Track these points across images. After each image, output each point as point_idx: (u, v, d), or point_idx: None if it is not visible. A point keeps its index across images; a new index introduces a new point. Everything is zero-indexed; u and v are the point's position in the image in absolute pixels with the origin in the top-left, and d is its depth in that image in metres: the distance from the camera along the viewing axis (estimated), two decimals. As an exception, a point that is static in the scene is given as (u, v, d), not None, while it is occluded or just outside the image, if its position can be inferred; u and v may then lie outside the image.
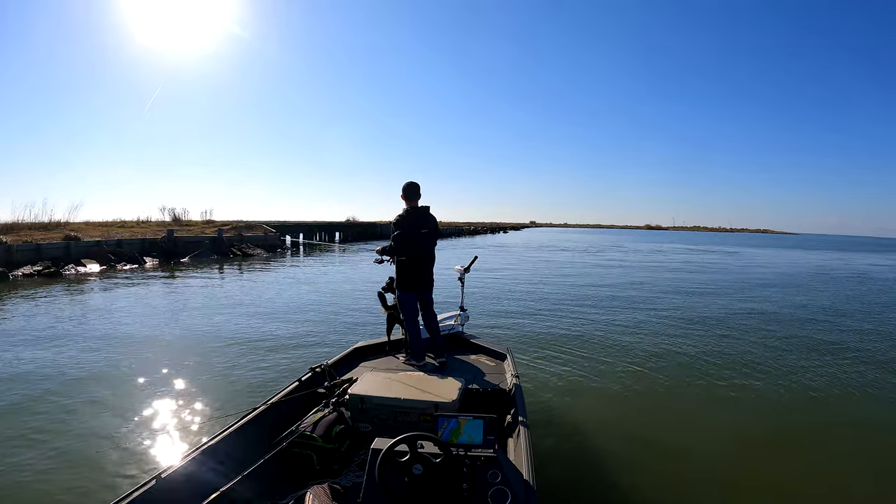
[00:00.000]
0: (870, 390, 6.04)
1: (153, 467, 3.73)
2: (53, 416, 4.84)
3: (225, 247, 23.83)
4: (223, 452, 2.75)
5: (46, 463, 3.95)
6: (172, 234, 22.29)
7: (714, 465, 4.12)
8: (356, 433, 3.15)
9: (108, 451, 4.13)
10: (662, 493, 3.66)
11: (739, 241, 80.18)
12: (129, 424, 4.66)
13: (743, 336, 8.64)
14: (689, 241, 63.24)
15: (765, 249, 47.50)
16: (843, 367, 6.93)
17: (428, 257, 4.38)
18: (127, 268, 17.73)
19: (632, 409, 5.30)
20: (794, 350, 7.79)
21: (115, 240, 20.05)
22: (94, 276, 15.48)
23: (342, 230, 41.13)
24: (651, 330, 8.89)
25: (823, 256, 37.13)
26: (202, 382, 5.75)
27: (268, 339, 7.68)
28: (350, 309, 10.27)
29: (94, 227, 24.94)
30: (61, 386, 5.61)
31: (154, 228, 26.33)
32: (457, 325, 5.01)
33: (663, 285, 15.76)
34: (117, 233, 22.91)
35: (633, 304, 11.83)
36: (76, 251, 17.67)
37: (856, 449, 4.57)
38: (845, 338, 8.74)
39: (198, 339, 7.68)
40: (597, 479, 3.82)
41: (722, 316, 10.54)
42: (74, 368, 6.21)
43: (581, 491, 3.64)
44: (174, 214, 32.64)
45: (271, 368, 6.24)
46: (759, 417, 5.18)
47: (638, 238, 76.68)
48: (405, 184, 4.35)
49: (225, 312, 9.81)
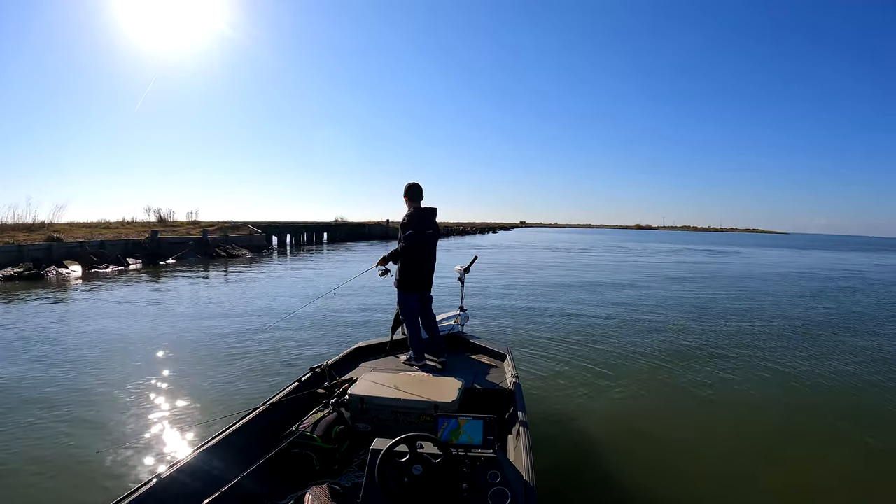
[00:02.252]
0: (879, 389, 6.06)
1: (153, 468, 3.71)
2: (53, 416, 4.80)
3: (209, 248, 23.52)
4: (223, 453, 2.74)
5: (46, 463, 3.92)
6: (156, 235, 21.95)
7: (715, 465, 4.13)
8: (356, 433, 3.16)
9: (108, 451, 4.10)
10: (663, 492, 3.67)
11: (732, 240, 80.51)
12: (128, 425, 4.63)
13: (744, 335, 8.68)
14: (685, 242, 62.78)
15: (762, 249, 47.52)
16: (850, 365, 6.97)
17: (433, 258, 4.37)
18: (109, 270, 17.44)
19: (632, 408, 5.30)
20: (793, 349, 7.80)
21: (98, 241, 19.70)
22: (76, 279, 15.20)
23: (330, 230, 40.89)
24: (651, 330, 8.93)
25: (825, 256, 37.41)
26: (197, 385, 5.69)
27: (253, 342, 7.59)
28: (338, 310, 10.20)
29: (77, 227, 24.51)
30: (57, 389, 5.54)
31: (138, 229, 25.94)
32: (457, 325, 5.01)
33: (663, 285, 15.84)
34: (101, 234, 22.53)
35: (633, 304, 11.88)
36: (58, 252, 17.31)
37: (862, 447, 4.55)
38: (857, 337, 8.79)
39: (185, 343, 7.59)
40: (597, 479, 3.82)
41: (722, 315, 10.60)
42: (69, 371, 6.12)
43: (581, 491, 3.65)
44: (160, 215, 32.32)
45: (263, 371, 6.20)
46: (760, 417, 5.19)
47: (630, 238, 76.81)
48: (408, 185, 4.31)
49: (210, 315, 9.70)
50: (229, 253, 23.95)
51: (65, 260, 17.22)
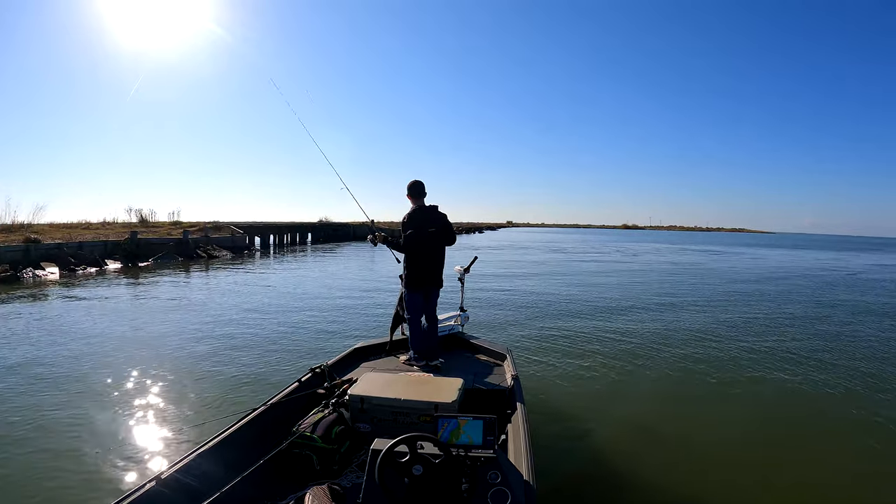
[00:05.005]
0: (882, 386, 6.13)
1: (153, 468, 3.70)
2: (51, 417, 4.78)
3: (190, 248, 23.19)
4: (223, 453, 2.73)
5: (45, 464, 3.90)
6: (136, 236, 21.57)
7: (716, 465, 4.15)
8: (356, 434, 3.16)
9: (107, 452, 4.09)
10: (664, 492, 3.68)
11: (721, 240, 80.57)
12: (128, 426, 4.60)
13: (744, 334, 8.76)
14: (674, 241, 62.42)
15: (759, 249, 47.62)
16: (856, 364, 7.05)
17: (436, 256, 4.35)
18: (87, 271, 17.08)
19: (633, 408, 5.31)
20: (793, 347, 7.89)
21: (77, 243, 19.29)
22: (53, 281, 14.86)
23: (314, 231, 40.52)
24: (651, 329, 9.00)
25: (821, 256, 37.85)
26: (196, 386, 5.69)
27: (248, 343, 7.57)
28: (338, 310, 10.18)
29: (57, 228, 23.93)
30: (54, 390, 5.51)
31: (119, 230, 25.38)
32: (457, 325, 5.01)
33: (662, 284, 15.93)
34: (81, 235, 22.03)
35: (633, 303, 11.95)
36: (36, 254, 16.92)
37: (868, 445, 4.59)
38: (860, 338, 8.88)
39: (177, 345, 7.51)
40: (597, 479, 3.84)
41: (723, 314, 10.72)
42: (57, 373, 6.06)
43: (581, 491, 3.66)
44: (141, 215, 31.68)
45: (262, 371, 6.18)
46: (762, 417, 5.20)
47: (621, 238, 76.97)
48: (410, 182, 4.32)
49: (191, 316, 9.63)
50: (209, 254, 23.64)
51: (42, 262, 16.81)
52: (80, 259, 17.95)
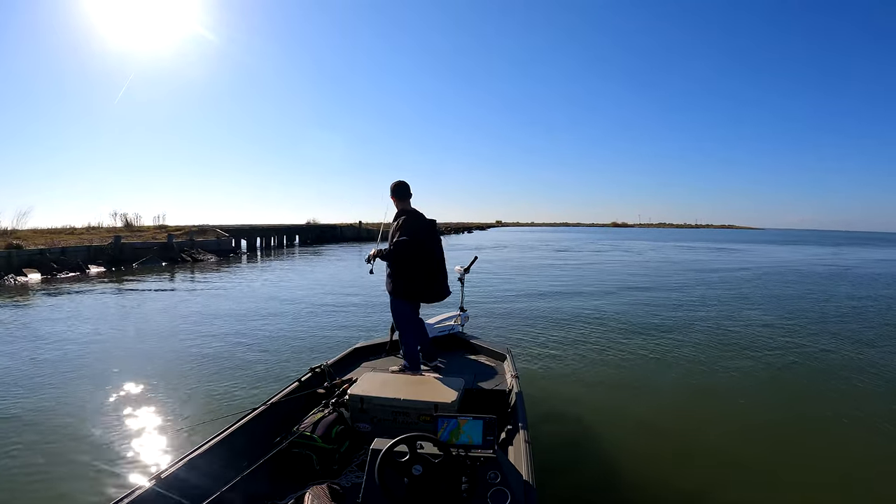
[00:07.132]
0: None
1: (153, 468, 3.66)
2: (51, 418, 4.76)
3: (174, 252, 22.93)
4: (223, 453, 2.73)
5: (45, 465, 3.89)
6: (119, 240, 21.28)
7: (716, 465, 4.13)
8: (356, 433, 3.16)
9: (107, 452, 4.07)
10: (664, 492, 3.66)
11: (712, 236, 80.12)
12: (128, 427, 4.59)
13: (745, 333, 8.73)
14: (666, 239, 61.55)
15: (758, 246, 47.24)
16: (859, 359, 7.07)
17: (440, 268, 4.08)
18: (69, 276, 16.84)
19: (633, 408, 5.28)
20: (792, 346, 7.87)
21: (60, 248, 19.01)
22: (35, 286, 14.60)
23: (302, 233, 40.28)
24: (650, 329, 8.99)
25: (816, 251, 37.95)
26: (194, 387, 5.67)
27: (245, 344, 7.51)
28: (337, 310, 10.13)
29: (41, 234, 23.48)
30: (48, 391, 5.50)
31: (103, 234, 24.95)
32: (457, 325, 4.99)
33: (662, 285, 15.79)
34: (65, 240, 21.65)
35: (632, 303, 11.89)
36: (18, 260, 16.70)
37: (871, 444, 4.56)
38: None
39: (173, 348, 7.44)
40: (597, 479, 3.83)
41: (722, 313, 10.69)
42: (58, 373, 6.05)
43: (581, 491, 3.66)
44: (126, 219, 31.21)
45: (261, 372, 6.15)
46: (763, 416, 5.16)
47: (613, 236, 76.79)
48: (394, 183, 4.02)
49: (181, 319, 9.52)
50: (194, 257, 23.41)
51: (24, 268, 16.58)
52: (63, 264, 17.70)
